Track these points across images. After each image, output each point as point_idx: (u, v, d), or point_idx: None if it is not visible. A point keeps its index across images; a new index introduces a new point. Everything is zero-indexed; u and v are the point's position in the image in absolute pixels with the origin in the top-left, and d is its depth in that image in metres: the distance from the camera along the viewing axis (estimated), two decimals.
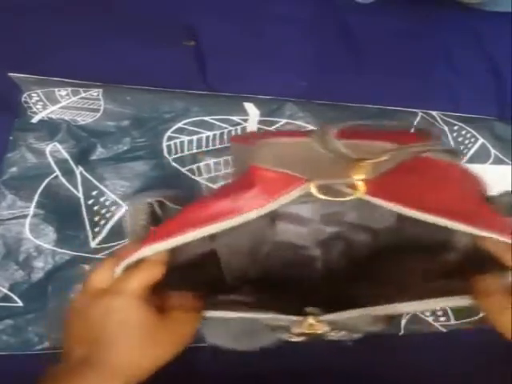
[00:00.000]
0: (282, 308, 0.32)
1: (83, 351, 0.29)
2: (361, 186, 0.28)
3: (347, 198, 0.29)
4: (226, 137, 0.51)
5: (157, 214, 0.35)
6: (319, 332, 0.32)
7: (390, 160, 0.29)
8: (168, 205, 0.35)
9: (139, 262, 0.30)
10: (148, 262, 0.30)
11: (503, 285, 0.28)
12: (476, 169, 0.34)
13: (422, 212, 0.27)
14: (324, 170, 0.29)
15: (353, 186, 0.28)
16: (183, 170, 0.50)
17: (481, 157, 0.56)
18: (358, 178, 0.28)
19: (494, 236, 0.26)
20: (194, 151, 0.50)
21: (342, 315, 0.31)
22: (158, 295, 0.31)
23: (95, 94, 0.48)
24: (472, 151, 0.55)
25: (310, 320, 0.31)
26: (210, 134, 0.50)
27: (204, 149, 0.50)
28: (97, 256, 0.48)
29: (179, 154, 0.50)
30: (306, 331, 0.32)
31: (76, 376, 0.28)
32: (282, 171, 0.30)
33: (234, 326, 0.35)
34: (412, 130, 0.53)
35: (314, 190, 0.28)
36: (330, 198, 0.28)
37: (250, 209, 0.28)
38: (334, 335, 0.35)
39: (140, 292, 0.29)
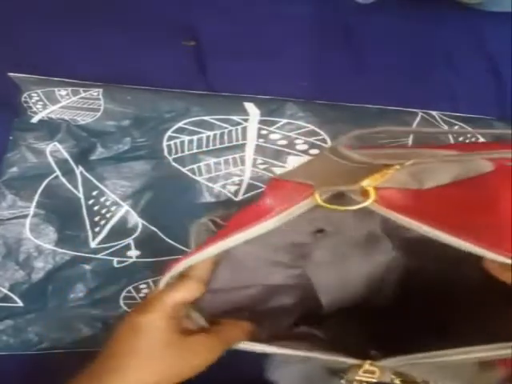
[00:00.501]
0: (347, 350, 0.29)
1: (102, 359, 0.29)
2: (372, 193, 0.25)
3: (353, 207, 0.26)
4: (226, 137, 0.51)
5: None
6: (376, 380, 0.29)
7: (435, 169, 0.26)
8: (221, 223, 0.33)
9: (180, 279, 0.30)
10: (187, 278, 0.30)
11: None
12: None
13: (440, 231, 0.23)
14: (338, 179, 0.27)
15: (364, 194, 0.26)
16: (183, 169, 0.50)
17: None
18: (368, 184, 0.25)
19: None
20: (195, 151, 0.50)
21: (401, 360, 0.27)
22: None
23: (95, 93, 0.48)
24: None
25: (367, 366, 0.28)
26: (211, 133, 0.50)
27: (204, 148, 0.50)
28: (97, 256, 0.48)
29: (179, 154, 0.50)
30: (363, 379, 0.29)
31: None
32: (294, 180, 0.29)
33: (295, 371, 0.33)
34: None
35: (318, 199, 0.26)
36: (334, 207, 0.26)
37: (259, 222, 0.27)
38: None
39: (170, 311, 0.29)
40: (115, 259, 0.49)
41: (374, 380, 0.29)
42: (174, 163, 0.50)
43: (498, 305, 0.27)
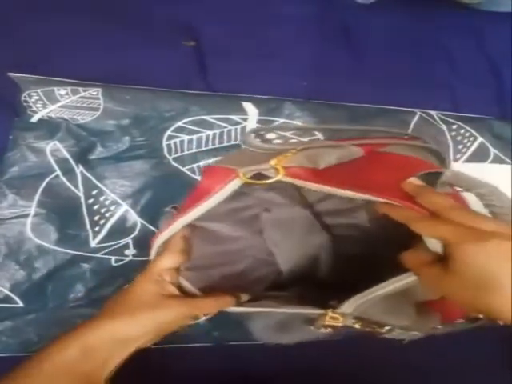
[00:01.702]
0: (309, 302, 0.36)
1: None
2: (281, 170, 0.34)
3: (270, 180, 0.34)
4: (225, 136, 0.51)
5: None
6: (340, 324, 0.35)
7: (325, 154, 0.35)
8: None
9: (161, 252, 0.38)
10: (164, 250, 0.38)
11: (426, 253, 0.30)
12: (475, 167, 0.34)
13: (332, 187, 0.32)
14: (254, 163, 0.35)
15: (276, 171, 0.34)
16: (183, 169, 0.50)
17: (480, 155, 0.56)
18: (275, 163, 0.34)
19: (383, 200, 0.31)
20: (194, 150, 0.50)
21: (351, 303, 0.34)
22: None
23: (94, 93, 0.48)
24: (471, 150, 0.55)
25: (330, 313, 0.35)
26: (210, 133, 0.50)
27: (204, 148, 0.50)
28: (97, 255, 0.48)
29: (179, 154, 0.50)
30: (328, 323, 0.35)
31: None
32: (223, 166, 0.37)
33: (272, 322, 0.40)
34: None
35: (244, 178, 0.34)
36: (257, 182, 0.34)
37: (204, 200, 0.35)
38: (393, 335, 0.38)
39: (155, 276, 0.37)
40: (113, 258, 0.49)
41: (340, 324, 0.35)
42: (173, 163, 0.50)
43: (404, 242, 0.33)
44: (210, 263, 0.40)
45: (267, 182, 0.34)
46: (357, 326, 0.36)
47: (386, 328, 0.37)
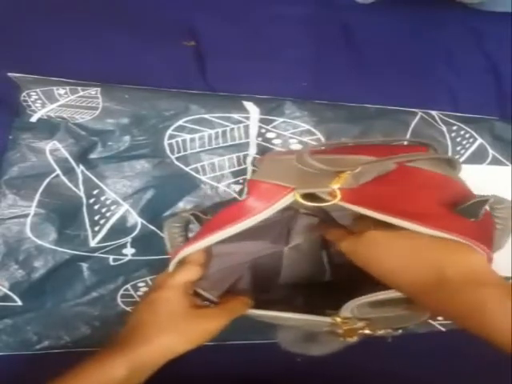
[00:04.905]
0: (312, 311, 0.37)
1: (122, 336, 0.35)
2: (338, 193, 0.33)
3: (327, 204, 0.34)
4: (228, 135, 0.51)
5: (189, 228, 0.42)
6: (356, 326, 0.37)
7: (367, 172, 0.35)
8: (202, 217, 0.41)
9: (183, 263, 0.37)
10: (188, 263, 0.37)
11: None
12: (472, 169, 0.35)
13: (385, 215, 0.32)
14: (308, 181, 0.35)
15: (331, 194, 0.34)
16: (187, 168, 0.50)
17: (478, 157, 0.56)
18: (335, 186, 0.33)
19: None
20: (198, 150, 0.50)
21: (348, 307, 0.35)
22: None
23: (93, 92, 0.48)
24: (470, 151, 0.56)
25: (337, 318, 0.36)
26: (212, 132, 0.50)
27: (207, 147, 0.50)
28: (96, 255, 0.48)
29: (182, 153, 0.50)
30: (345, 328, 0.37)
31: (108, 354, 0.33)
32: (273, 182, 0.37)
33: (300, 332, 0.41)
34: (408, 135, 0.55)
35: (298, 197, 0.34)
36: (313, 204, 0.34)
37: (251, 215, 0.35)
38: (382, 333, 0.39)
39: (180, 286, 0.36)
40: (111, 257, 0.49)
41: (362, 330, 0.37)
42: (176, 162, 0.50)
43: None
44: (219, 272, 0.41)
45: (323, 204, 0.34)
46: (366, 330, 0.38)
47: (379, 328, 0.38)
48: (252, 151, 0.51)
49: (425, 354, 0.53)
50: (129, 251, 0.50)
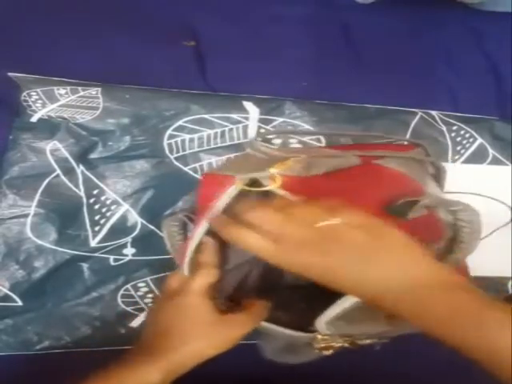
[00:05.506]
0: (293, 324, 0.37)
1: (150, 336, 0.36)
2: (278, 178, 0.33)
3: (264, 188, 0.34)
4: (227, 135, 0.51)
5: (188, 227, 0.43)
6: (334, 344, 0.36)
7: (319, 163, 0.35)
8: (193, 217, 0.42)
9: (199, 266, 0.37)
10: (204, 266, 0.37)
11: None
12: (473, 169, 0.35)
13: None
14: (252, 169, 0.35)
15: (272, 179, 0.34)
16: (185, 168, 0.50)
17: (478, 157, 0.56)
18: (274, 171, 0.33)
19: None
20: (196, 149, 0.50)
21: (320, 322, 0.34)
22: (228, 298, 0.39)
23: (94, 92, 0.48)
24: (470, 151, 0.56)
25: (318, 336, 0.36)
26: (211, 132, 0.50)
27: (206, 147, 0.50)
28: (96, 255, 0.48)
29: (181, 153, 0.50)
30: (324, 345, 0.36)
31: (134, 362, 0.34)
32: (222, 174, 0.37)
33: (281, 344, 0.41)
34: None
35: (238, 184, 0.34)
36: (253, 189, 0.34)
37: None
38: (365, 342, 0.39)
39: (202, 291, 0.36)
40: (111, 257, 0.49)
41: (336, 344, 0.37)
42: (175, 162, 0.50)
43: None
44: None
45: (261, 189, 0.34)
46: (346, 344, 0.37)
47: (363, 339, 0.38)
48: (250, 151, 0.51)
49: (425, 354, 0.53)
50: (129, 251, 0.50)
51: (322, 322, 0.34)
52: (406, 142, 0.51)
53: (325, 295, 0.35)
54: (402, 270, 0.29)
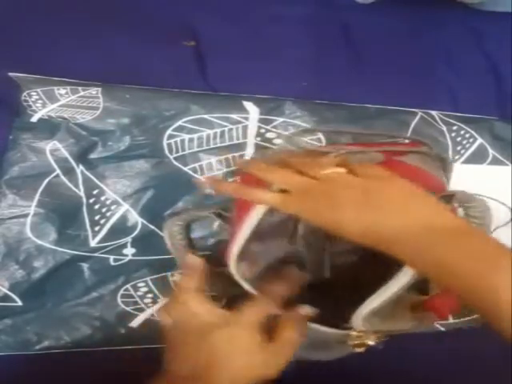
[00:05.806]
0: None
1: (190, 369, 0.34)
2: None
3: None
4: (227, 135, 0.51)
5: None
6: (370, 343, 0.37)
7: (350, 160, 0.35)
8: (224, 214, 0.42)
9: (254, 298, 0.36)
10: (262, 299, 0.36)
11: None
12: (473, 169, 0.35)
13: None
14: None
15: None
16: (185, 168, 0.50)
17: (478, 157, 0.56)
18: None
19: None
20: (196, 149, 0.50)
21: (359, 314, 0.34)
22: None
23: (94, 92, 0.48)
24: (470, 151, 0.56)
25: (353, 333, 0.36)
26: (211, 132, 0.50)
27: (205, 147, 0.50)
28: (96, 255, 0.48)
29: (180, 153, 0.50)
30: (357, 342, 0.37)
31: None
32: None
33: (311, 340, 0.39)
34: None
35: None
36: None
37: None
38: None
39: (256, 325, 0.35)
40: (111, 257, 0.49)
41: (370, 342, 0.37)
42: (175, 162, 0.50)
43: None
44: None
45: None
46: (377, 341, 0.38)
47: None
48: (249, 151, 0.51)
49: (425, 354, 0.53)
50: (129, 251, 0.50)
51: (359, 317, 0.34)
52: (407, 141, 0.51)
53: (357, 292, 0.36)
54: (416, 215, 0.29)
